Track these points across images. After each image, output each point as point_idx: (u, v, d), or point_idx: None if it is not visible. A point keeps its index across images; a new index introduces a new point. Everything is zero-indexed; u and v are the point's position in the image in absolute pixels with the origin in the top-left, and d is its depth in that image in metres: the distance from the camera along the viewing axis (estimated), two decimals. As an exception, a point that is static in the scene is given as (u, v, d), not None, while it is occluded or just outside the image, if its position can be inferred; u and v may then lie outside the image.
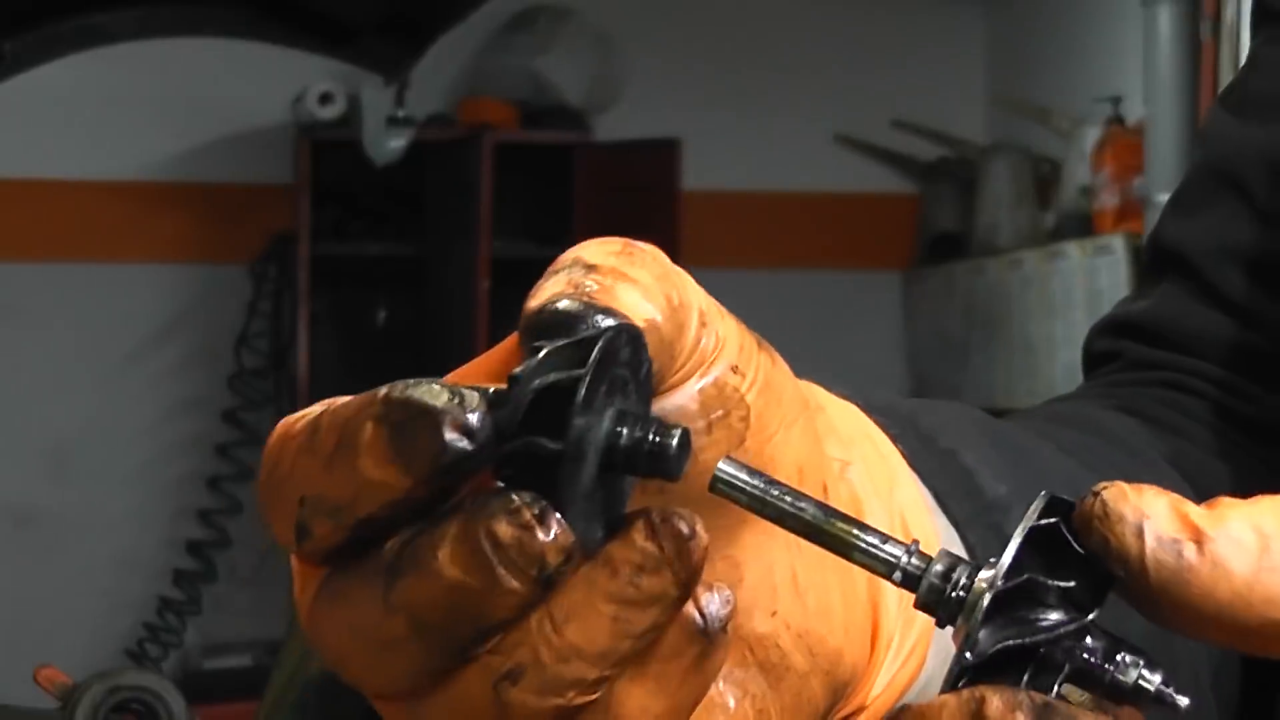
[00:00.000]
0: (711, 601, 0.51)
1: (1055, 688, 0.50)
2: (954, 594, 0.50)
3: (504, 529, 0.48)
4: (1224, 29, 4.08)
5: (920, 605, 0.51)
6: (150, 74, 5.67)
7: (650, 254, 0.53)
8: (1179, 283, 0.93)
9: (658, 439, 0.50)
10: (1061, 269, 5.16)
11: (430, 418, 0.48)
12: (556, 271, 0.52)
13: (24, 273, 5.79)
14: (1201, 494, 0.84)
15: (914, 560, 0.50)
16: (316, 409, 0.51)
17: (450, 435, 0.48)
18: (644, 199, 5.86)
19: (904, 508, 0.62)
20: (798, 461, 0.56)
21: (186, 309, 5.94)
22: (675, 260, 0.53)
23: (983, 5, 6.39)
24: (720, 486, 0.51)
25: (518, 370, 0.49)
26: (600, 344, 0.49)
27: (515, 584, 0.48)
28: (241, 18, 3.22)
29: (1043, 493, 0.51)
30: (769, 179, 6.25)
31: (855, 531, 0.51)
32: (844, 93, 6.26)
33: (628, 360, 0.50)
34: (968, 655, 0.49)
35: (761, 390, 0.54)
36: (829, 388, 0.63)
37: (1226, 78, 4.02)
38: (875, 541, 0.51)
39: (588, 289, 0.51)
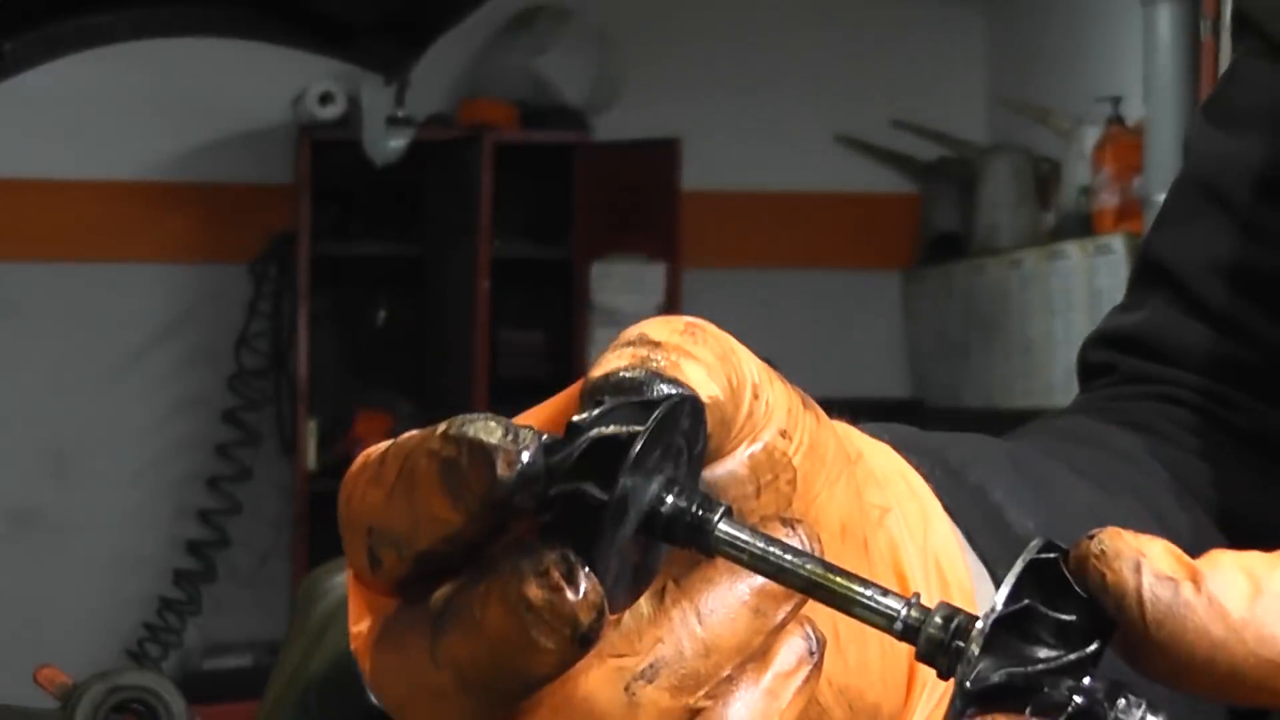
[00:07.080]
0: (815, 628, 0.53)
1: None
2: (953, 644, 0.50)
3: (534, 591, 0.48)
4: (1224, 29, 4.07)
5: (920, 657, 0.51)
6: (150, 74, 5.67)
7: (712, 334, 0.53)
8: (1168, 296, 0.94)
9: (700, 512, 0.50)
10: (1061, 269, 5.16)
11: (484, 453, 0.48)
12: (619, 346, 0.52)
13: (24, 273, 5.79)
14: (1199, 502, 0.85)
15: (913, 613, 0.50)
16: (390, 441, 0.52)
17: (503, 472, 0.48)
18: (644, 199, 5.86)
19: (938, 550, 0.63)
20: (841, 518, 0.57)
21: (186, 309, 5.94)
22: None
23: (983, 5, 6.39)
24: (722, 547, 0.51)
25: (577, 418, 0.49)
26: (664, 406, 0.49)
27: (550, 645, 0.48)
28: (241, 18, 3.22)
29: (1035, 540, 0.51)
30: (769, 179, 6.25)
31: (855, 587, 0.51)
32: (844, 93, 6.26)
33: (686, 430, 0.50)
34: (967, 684, 0.49)
35: (807, 453, 0.55)
36: (856, 423, 0.64)
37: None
38: (875, 595, 0.51)
39: (654, 363, 0.51)
